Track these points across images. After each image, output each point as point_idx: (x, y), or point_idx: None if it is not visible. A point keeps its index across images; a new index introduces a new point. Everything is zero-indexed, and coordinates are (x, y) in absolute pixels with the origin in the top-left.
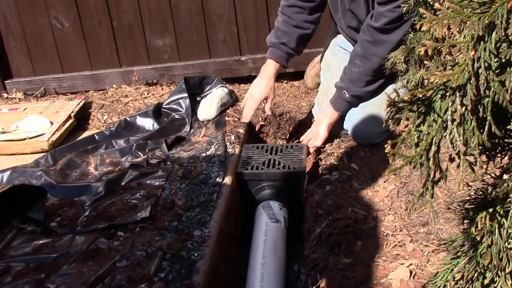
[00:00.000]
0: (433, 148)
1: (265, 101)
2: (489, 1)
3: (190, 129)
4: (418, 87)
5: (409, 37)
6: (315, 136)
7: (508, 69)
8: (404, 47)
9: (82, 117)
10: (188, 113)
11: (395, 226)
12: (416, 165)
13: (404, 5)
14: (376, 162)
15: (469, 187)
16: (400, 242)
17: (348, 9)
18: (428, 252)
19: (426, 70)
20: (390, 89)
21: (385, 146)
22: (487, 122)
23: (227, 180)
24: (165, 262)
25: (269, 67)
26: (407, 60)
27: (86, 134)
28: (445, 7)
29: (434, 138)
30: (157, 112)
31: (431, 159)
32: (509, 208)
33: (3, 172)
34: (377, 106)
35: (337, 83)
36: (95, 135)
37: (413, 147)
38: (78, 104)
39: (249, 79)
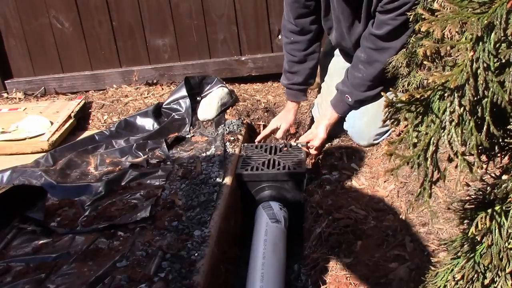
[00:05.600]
0: (431, 148)
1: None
2: (489, 1)
3: (190, 129)
4: (419, 89)
5: (411, 41)
6: (314, 137)
7: (507, 69)
8: (406, 50)
9: (82, 117)
10: (188, 113)
11: (395, 226)
12: (414, 165)
13: (410, 13)
14: (376, 162)
15: (469, 187)
16: (400, 242)
17: (346, 32)
18: (428, 252)
19: (427, 71)
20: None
21: (383, 146)
22: (485, 123)
23: (227, 180)
24: (165, 262)
25: (289, 104)
26: (409, 63)
27: (86, 134)
28: (444, 8)
29: (432, 138)
30: (157, 112)
31: (429, 159)
32: (509, 208)
33: (3, 172)
34: (376, 107)
35: (338, 86)
36: (95, 135)
37: (411, 147)
38: (78, 104)
39: (249, 79)
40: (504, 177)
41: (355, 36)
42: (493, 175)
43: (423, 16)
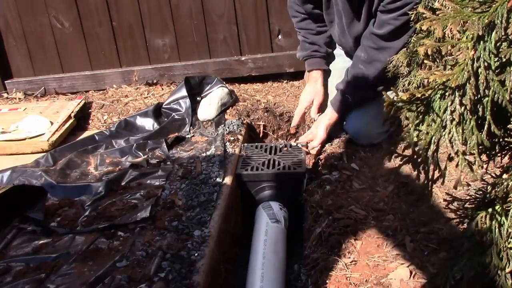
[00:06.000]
0: (432, 147)
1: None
2: (490, 1)
3: (190, 129)
4: (420, 88)
5: (412, 40)
6: (314, 137)
7: (508, 68)
8: (406, 50)
9: (82, 117)
10: (188, 113)
11: (395, 226)
12: (415, 164)
13: (411, 12)
14: (376, 162)
15: (469, 187)
16: (400, 242)
17: (346, 28)
18: (428, 252)
19: (428, 70)
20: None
21: (383, 145)
22: (486, 122)
23: (227, 180)
24: (165, 262)
25: (314, 74)
26: (410, 63)
27: (86, 134)
28: (445, 7)
29: (433, 138)
30: (157, 112)
31: (430, 158)
32: (509, 208)
33: (3, 172)
34: (376, 107)
35: (338, 86)
36: (95, 135)
37: (412, 146)
38: (78, 104)
39: (249, 79)
40: (504, 176)
41: (354, 34)
42: (494, 174)
43: (424, 15)
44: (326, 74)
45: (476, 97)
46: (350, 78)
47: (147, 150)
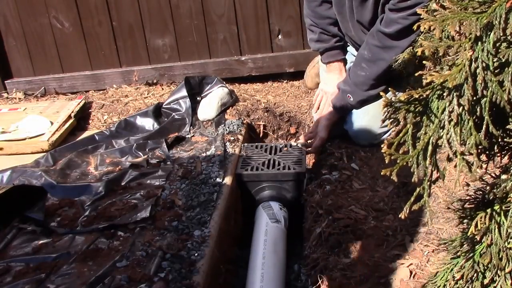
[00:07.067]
0: (430, 148)
1: None
2: (489, 1)
3: (190, 129)
4: (418, 89)
5: (419, 39)
6: (315, 136)
7: (507, 69)
8: (413, 49)
9: (82, 117)
10: (188, 113)
11: (395, 226)
12: (413, 165)
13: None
14: (376, 162)
15: (469, 187)
16: (400, 242)
17: (355, 12)
18: (428, 252)
19: (429, 70)
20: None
21: (382, 146)
22: (484, 122)
23: (227, 180)
24: (165, 262)
25: (337, 65)
26: (415, 61)
27: (86, 134)
28: (444, 8)
29: (431, 138)
30: (157, 112)
31: (428, 159)
32: (509, 208)
33: (3, 172)
34: (377, 107)
35: (340, 85)
36: (95, 135)
37: (410, 147)
38: (78, 104)
39: (249, 79)
40: (504, 176)
41: (362, 20)
42: (493, 174)
43: (421, 17)
44: (346, 63)
45: (474, 98)
46: (352, 77)
47: (147, 150)
